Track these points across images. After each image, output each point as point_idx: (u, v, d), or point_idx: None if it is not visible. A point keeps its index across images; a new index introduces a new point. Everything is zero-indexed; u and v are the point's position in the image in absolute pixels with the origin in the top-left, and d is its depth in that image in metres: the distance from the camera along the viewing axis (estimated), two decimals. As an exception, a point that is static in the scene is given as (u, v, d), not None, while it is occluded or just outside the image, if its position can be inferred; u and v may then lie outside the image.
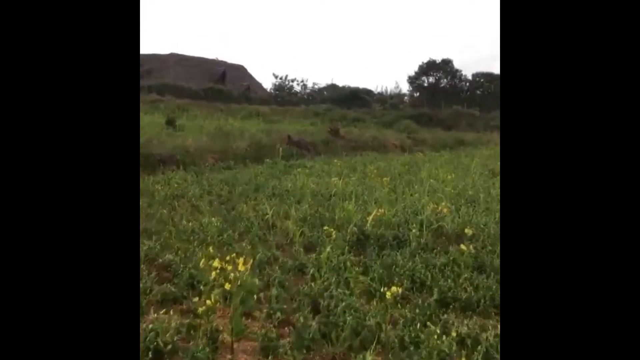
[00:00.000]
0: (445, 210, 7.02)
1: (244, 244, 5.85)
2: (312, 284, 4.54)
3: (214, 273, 3.41)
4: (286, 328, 3.84)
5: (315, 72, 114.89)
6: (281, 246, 6.04)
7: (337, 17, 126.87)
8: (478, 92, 55.82)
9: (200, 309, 3.49)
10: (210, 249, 5.19)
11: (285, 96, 45.21)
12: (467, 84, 56.86)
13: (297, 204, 7.89)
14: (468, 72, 58.08)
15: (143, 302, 4.09)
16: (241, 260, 3.45)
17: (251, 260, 4.62)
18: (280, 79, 48.65)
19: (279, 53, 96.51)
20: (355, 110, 35.26)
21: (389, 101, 47.37)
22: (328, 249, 5.31)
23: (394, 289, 3.66)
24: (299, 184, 9.71)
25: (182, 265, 4.85)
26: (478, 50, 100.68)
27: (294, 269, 5.13)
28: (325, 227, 6.04)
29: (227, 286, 3.28)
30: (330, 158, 15.29)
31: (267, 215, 6.75)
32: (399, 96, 53.38)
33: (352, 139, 20.52)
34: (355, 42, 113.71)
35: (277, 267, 5.16)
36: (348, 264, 5.09)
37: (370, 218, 6.49)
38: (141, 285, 4.32)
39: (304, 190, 9.02)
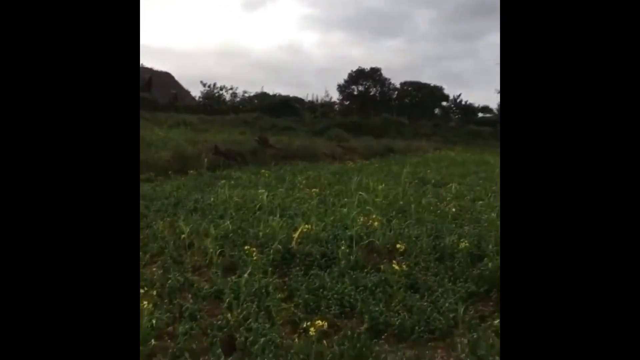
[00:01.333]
0: (376, 223, 6.66)
1: (154, 269, 5.23)
2: (229, 314, 4.01)
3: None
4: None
5: (245, 81, 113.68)
6: (198, 269, 5.45)
7: (269, 23, 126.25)
8: (406, 100, 56.80)
9: None
10: (114, 276, 4.56)
11: (214, 105, 43.88)
12: (396, 92, 57.78)
13: (220, 219, 7.31)
14: (396, 80, 58.83)
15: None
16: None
17: (154, 292, 4.05)
18: (209, 87, 47.26)
19: (207, 61, 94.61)
20: (286, 118, 34.74)
21: (319, 110, 47.17)
22: (248, 271, 4.79)
23: (318, 323, 3.19)
24: (222, 197, 9.10)
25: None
26: (405, 58, 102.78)
27: (209, 295, 4.57)
28: (247, 247, 5.50)
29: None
30: (258, 168, 14.69)
31: (184, 235, 6.12)
32: (329, 105, 53.33)
33: (282, 148, 20.01)
34: (286, 50, 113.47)
35: (190, 295, 4.59)
36: (270, 288, 4.60)
37: (296, 234, 6.02)
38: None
39: (227, 204, 8.43)
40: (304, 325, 3.69)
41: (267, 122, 31.58)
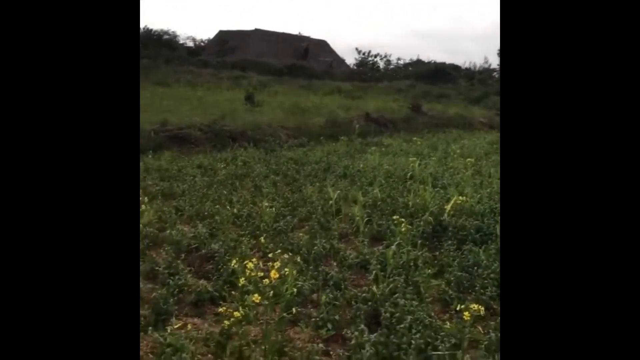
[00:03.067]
0: (539, 198, 6.00)
1: (300, 234, 5.17)
2: (374, 287, 3.79)
3: (241, 280, 2.75)
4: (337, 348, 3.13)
5: (400, 48, 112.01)
6: (345, 236, 5.32)
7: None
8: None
9: (226, 322, 2.84)
10: (262, 238, 4.57)
11: (367, 72, 43.87)
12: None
13: (369, 186, 7.12)
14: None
15: (174, 302, 3.52)
16: (276, 263, 2.76)
17: (298, 258, 3.95)
18: (364, 54, 47.31)
19: (362, 28, 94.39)
20: (441, 86, 33.49)
21: (476, 77, 44.91)
22: (396, 242, 4.53)
23: (473, 307, 2.83)
24: (372, 163, 8.91)
25: (227, 257, 4.24)
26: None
27: (355, 265, 4.40)
28: (395, 216, 5.23)
29: (257, 299, 2.61)
30: (410, 136, 14.27)
31: (332, 200, 6.02)
32: (487, 71, 50.56)
33: (435, 115, 19.31)
34: (445, 17, 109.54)
35: (335, 263, 4.46)
36: (419, 262, 4.30)
37: (449, 206, 5.62)
38: (175, 282, 3.75)
39: (376, 171, 8.21)
40: (456, 307, 3.34)
41: (420, 90, 30.75)
